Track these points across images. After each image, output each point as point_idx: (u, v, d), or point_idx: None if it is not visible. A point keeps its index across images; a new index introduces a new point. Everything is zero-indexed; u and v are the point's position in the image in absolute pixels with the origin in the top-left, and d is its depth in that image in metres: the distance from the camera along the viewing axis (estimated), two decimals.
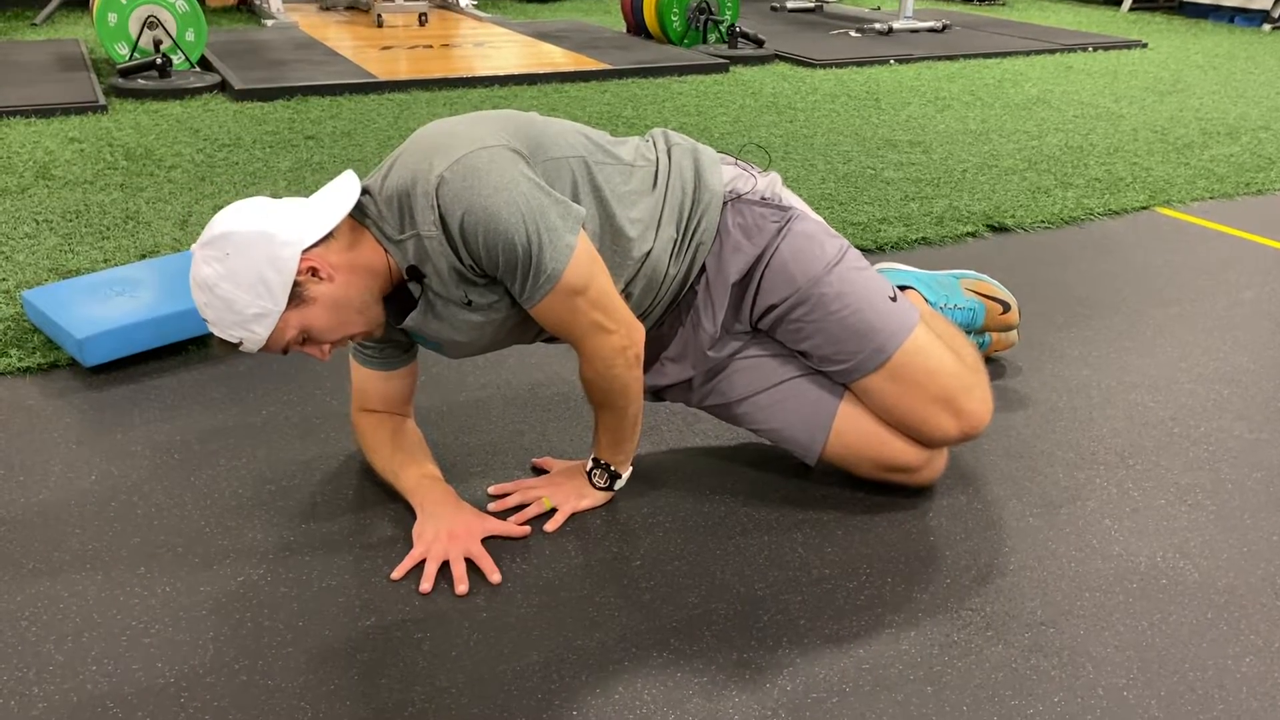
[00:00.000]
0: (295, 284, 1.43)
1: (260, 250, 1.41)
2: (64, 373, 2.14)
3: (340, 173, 3.44)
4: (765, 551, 1.62)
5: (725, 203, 1.68)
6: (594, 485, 1.71)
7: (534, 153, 1.51)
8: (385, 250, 1.50)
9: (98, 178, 3.37)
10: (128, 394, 2.06)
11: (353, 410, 1.78)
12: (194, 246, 1.44)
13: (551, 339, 1.69)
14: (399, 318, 1.60)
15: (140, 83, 4.53)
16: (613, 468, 1.70)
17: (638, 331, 1.58)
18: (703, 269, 1.68)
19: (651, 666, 1.39)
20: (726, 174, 1.71)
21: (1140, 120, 4.44)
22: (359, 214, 1.51)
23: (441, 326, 1.56)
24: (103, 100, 4.28)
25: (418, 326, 1.57)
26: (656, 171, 1.66)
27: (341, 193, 1.50)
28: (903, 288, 2.04)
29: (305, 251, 1.44)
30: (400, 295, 1.58)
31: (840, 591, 1.54)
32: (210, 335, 2.23)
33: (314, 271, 1.45)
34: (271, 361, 2.20)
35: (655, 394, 1.80)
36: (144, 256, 2.72)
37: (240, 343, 1.46)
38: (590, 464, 1.71)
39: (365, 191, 1.53)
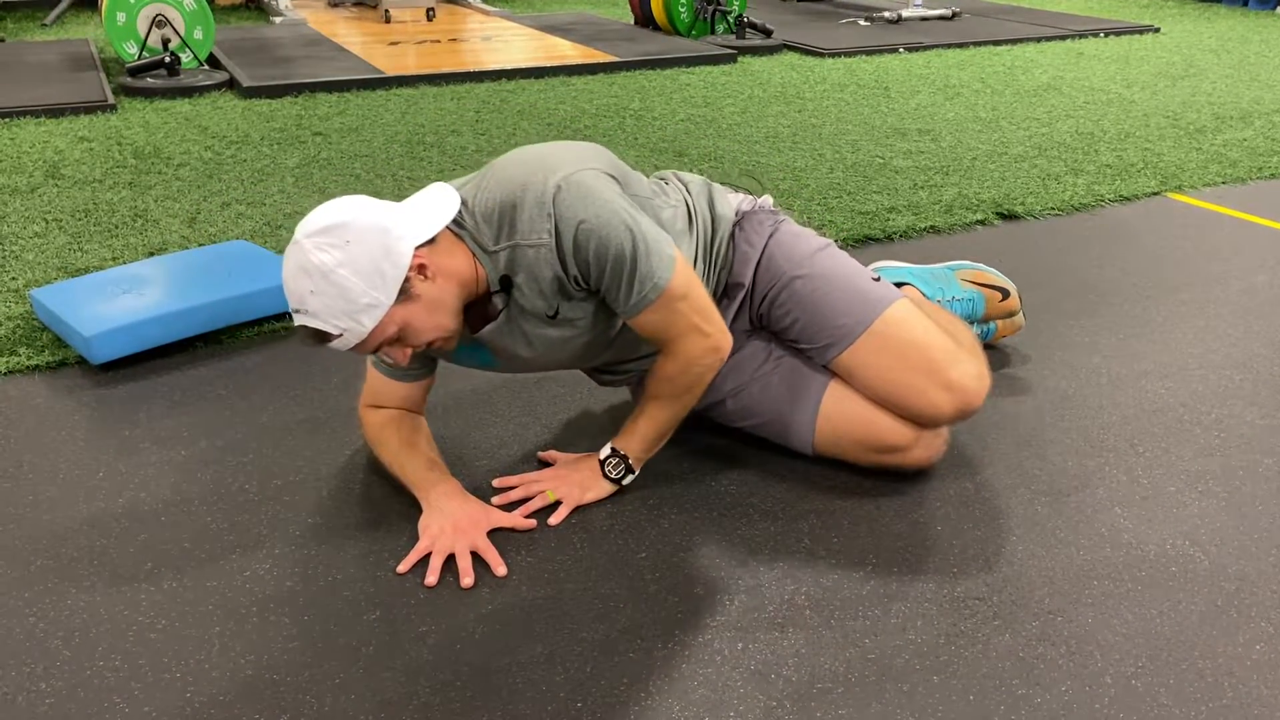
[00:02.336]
0: (405, 280, 1.43)
1: (378, 241, 1.41)
2: (72, 370, 2.15)
3: (348, 168, 3.45)
4: (771, 542, 1.62)
5: (734, 222, 1.80)
6: (605, 475, 1.71)
7: (623, 184, 1.59)
8: (476, 260, 1.53)
9: (106, 176, 3.38)
10: (135, 391, 2.07)
11: (361, 405, 1.78)
12: (301, 236, 1.41)
13: (596, 369, 1.80)
14: (475, 328, 1.61)
15: (149, 81, 4.54)
16: (630, 460, 1.69)
17: (728, 338, 1.64)
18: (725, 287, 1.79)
19: (656, 658, 1.38)
20: (733, 200, 1.83)
21: (1152, 105, 4.40)
22: (454, 224, 1.54)
23: (514, 340, 1.60)
24: (112, 99, 4.29)
25: (493, 338, 1.60)
26: (689, 212, 1.76)
27: (442, 200, 1.53)
28: (899, 284, 2.04)
29: (416, 249, 1.45)
30: (478, 306, 1.59)
31: (846, 581, 1.53)
32: (217, 330, 2.24)
33: (422, 269, 1.46)
34: (278, 358, 2.21)
35: None
36: (152, 254, 2.73)
37: (340, 335, 1.43)
38: (608, 452, 1.71)
39: (459, 222, 1.55)
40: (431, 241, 1.49)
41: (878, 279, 1.77)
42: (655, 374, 1.65)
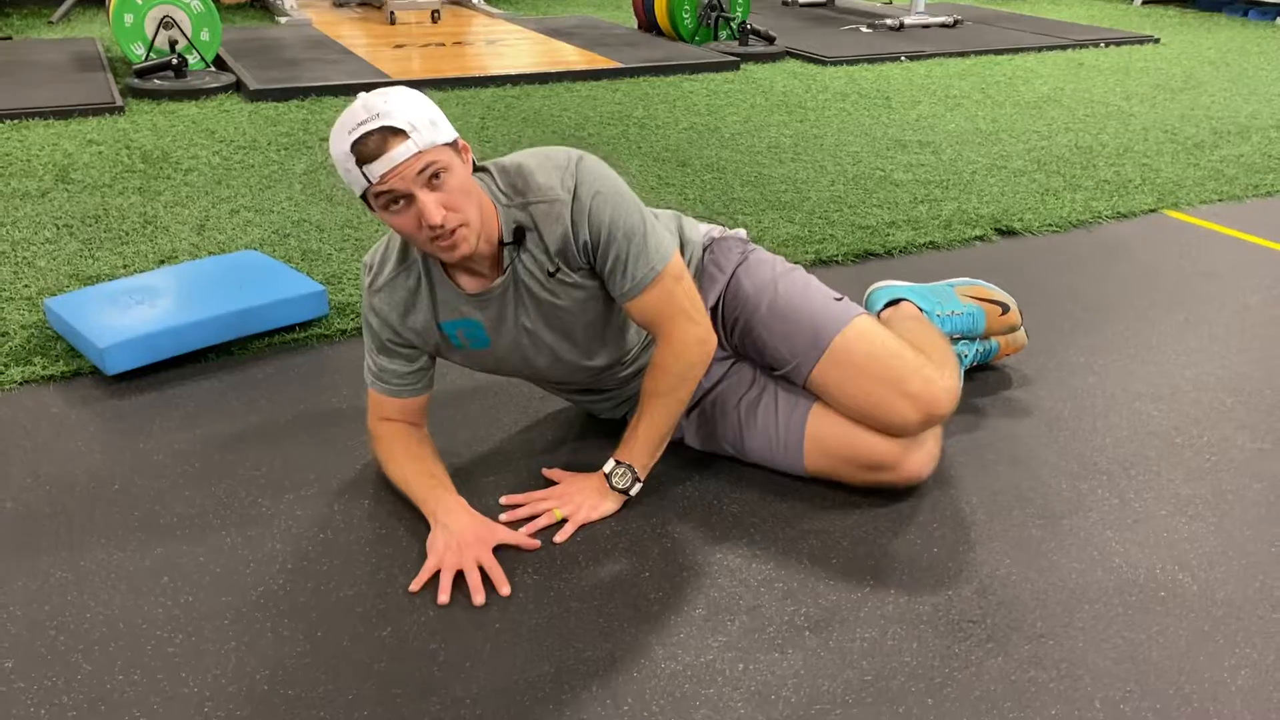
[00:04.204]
0: (455, 138, 1.53)
1: (433, 107, 1.53)
2: (86, 380, 2.19)
3: None
4: (771, 562, 1.66)
5: (704, 247, 1.89)
6: (613, 486, 1.75)
7: None
8: (496, 208, 1.62)
9: (116, 181, 3.42)
10: (148, 402, 2.11)
11: (370, 419, 1.82)
12: (364, 94, 1.50)
13: (585, 389, 1.88)
14: (485, 281, 1.68)
15: (156, 83, 4.58)
16: (635, 469, 1.74)
17: (714, 336, 1.74)
18: None
19: (659, 678, 1.43)
20: (702, 227, 1.93)
21: (1151, 119, 4.44)
22: (477, 173, 1.63)
23: (514, 305, 1.67)
24: (120, 101, 4.33)
25: (495, 299, 1.66)
26: None
27: None
28: (896, 300, 2.08)
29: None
30: (487, 260, 1.66)
31: (845, 603, 1.57)
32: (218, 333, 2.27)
33: (465, 150, 1.56)
34: (288, 370, 2.25)
35: None
36: (163, 262, 2.77)
37: (408, 134, 1.45)
38: (611, 465, 1.75)
39: (480, 169, 1.64)
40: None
41: (839, 299, 1.84)
42: (651, 367, 1.71)
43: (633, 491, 1.76)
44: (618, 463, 1.75)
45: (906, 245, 2.98)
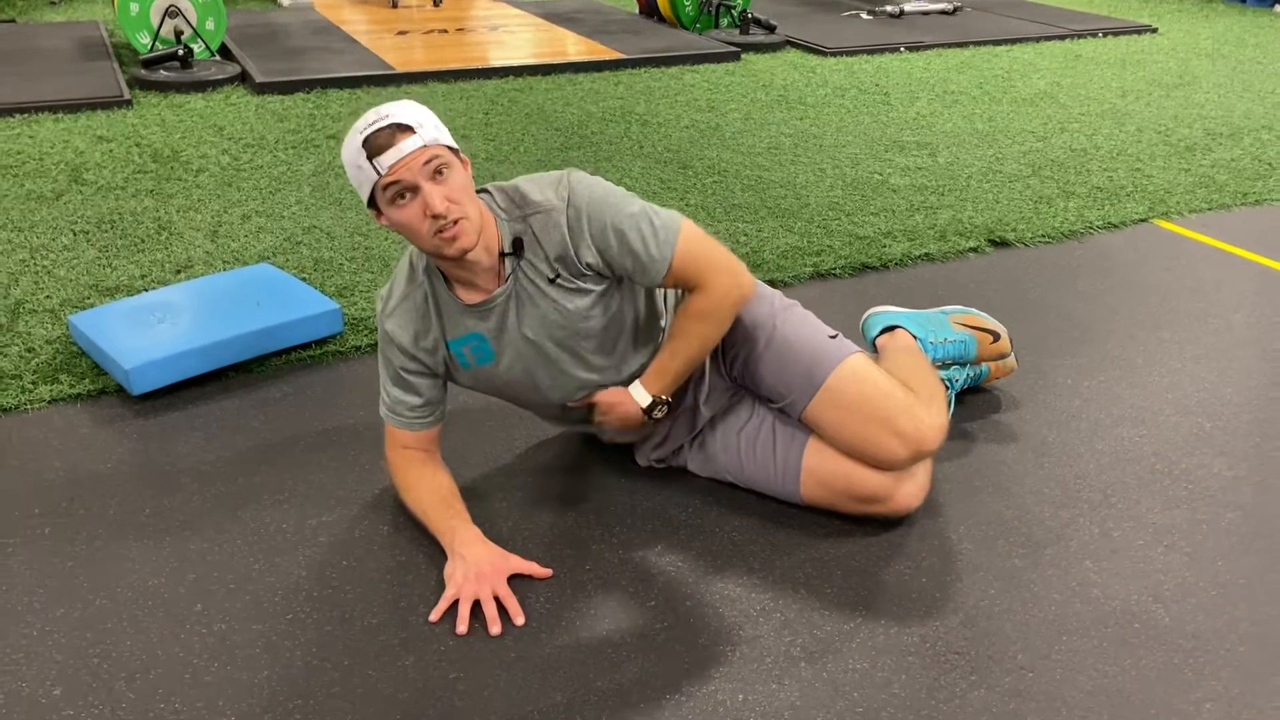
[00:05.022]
0: (456, 146, 1.68)
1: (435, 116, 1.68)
2: (111, 399, 2.28)
3: None
4: (770, 591, 1.76)
5: None
6: (652, 417, 1.86)
7: None
8: (496, 222, 1.74)
9: (128, 183, 3.48)
10: (172, 422, 2.20)
11: (387, 448, 1.91)
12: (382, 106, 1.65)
13: (581, 419, 1.94)
14: (487, 290, 1.77)
15: (162, 74, 4.62)
16: (664, 396, 1.85)
17: (746, 274, 1.83)
18: None
19: (665, 708, 1.53)
20: None
21: (1146, 118, 4.51)
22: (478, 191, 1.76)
23: (517, 312, 1.77)
24: (127, 94, 4.37)
25: (498, 308, 1.76)
26: None
27: None
28: (892, 327, 2.17)
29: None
30: (491, 272, 1.77)
31: (838, 634, 1.67)
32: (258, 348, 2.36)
33: (465, 162, 1.69)
34: (306, 389, 2.33)
35: (660, 461, 2.05)
36: (179, 271, 2.84)
37: (415, 130, 1.60)
38: (649, 400, 1.84)
39: (481, 190, 1.78)
40: None
41: (834, 336, 1.93)
42: (688, 309, 1.81)
43: (658, 414, 1.86)
44: (655, 398, 1.85)
45: (902, 258, 3.06)
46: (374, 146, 1.59)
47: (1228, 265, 3.09)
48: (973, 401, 2.32)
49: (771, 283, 2.88)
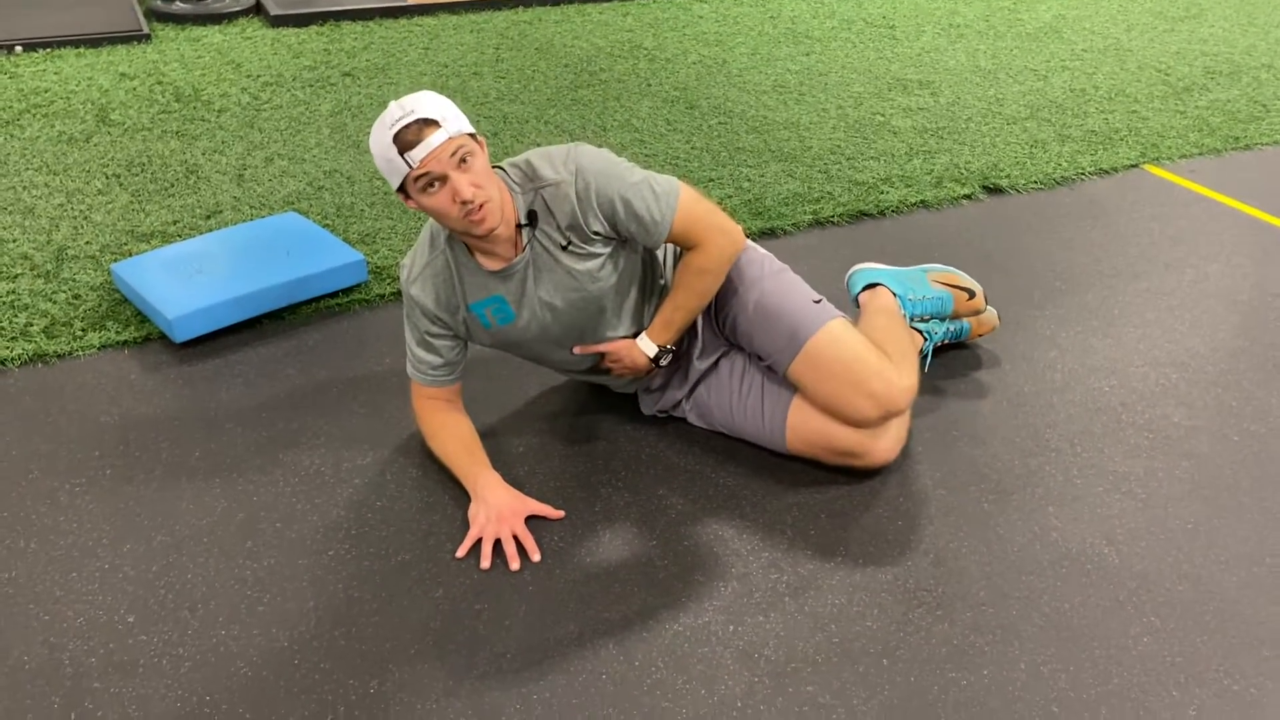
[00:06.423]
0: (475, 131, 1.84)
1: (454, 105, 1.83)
2: (156, 346, 2.46)
3: (377, 115, 3.67)
4: (760, 532, 1.96)
5: None
6: (659, 365, 2.08)
7: None
8: (512, 196, 1.89)
9: (154, 124, 3.61)
10: (214, 369, 2.38)
11: (414, 398, 2.10)
12: (394, 101, 1.82)
13: (594, 368, 2.12)
14: (507, 258, 1.93)
15: (178, 6, 4.70)
16: (668, 345, 2.06)
17: (739, 232, 2.03)
18: None
19: (664, 637, 1.74)
20: None
21: (1147, 55, 4.57)
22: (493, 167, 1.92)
23: (535, 278, 1.93)
24: (145, 28, 4.46)
25: (518, 273, 1.93)
26: None
27: None
28: (873, 284, 2.33)
29: None
30: (508, 243, 1.92)
31: (820, 572, 1.88)
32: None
33: (482, 143, 1.84)
34: (336, 337, 2.51)
35: (662, 411, 2.23)
36: (209, 217, 3.00)
37: (440, 123, 1.75)
38: (655, 350, 2.05)
39: (496, 167, 1.92)
40: None
41: (818, 301, 2.09)
42: (687, 266, 2.01)
43: (664, 362, 2.08)
44: (661, 348, 2.06)
45: (899, 204, 3.19)
46: (404, 142, 1.74)
47: (1211, 213, 3.22)
48: (955, 356, 2.48)
49: (772, 231, 3.03)
